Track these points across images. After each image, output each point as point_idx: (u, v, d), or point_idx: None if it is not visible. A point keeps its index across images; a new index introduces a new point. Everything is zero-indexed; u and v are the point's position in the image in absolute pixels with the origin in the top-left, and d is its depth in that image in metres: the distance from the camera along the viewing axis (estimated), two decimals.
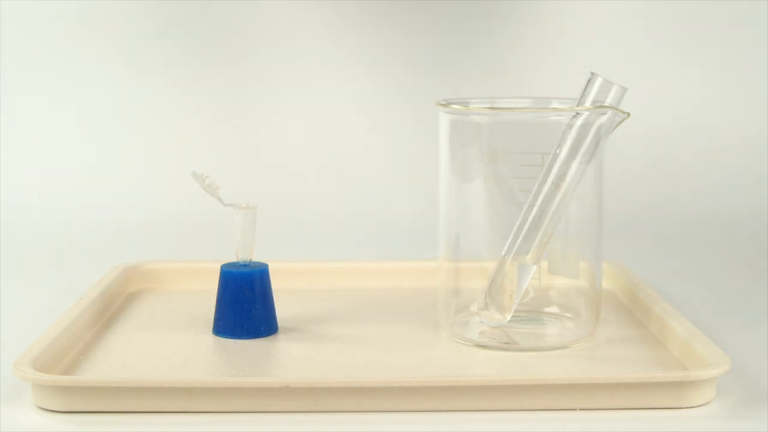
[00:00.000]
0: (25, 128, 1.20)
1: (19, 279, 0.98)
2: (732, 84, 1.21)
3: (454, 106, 0.74)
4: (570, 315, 0.77)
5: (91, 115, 1.20)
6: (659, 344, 0.75)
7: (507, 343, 0.74)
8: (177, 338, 0.77)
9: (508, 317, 0.75)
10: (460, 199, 0.76)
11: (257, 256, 0.79)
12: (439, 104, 0.75)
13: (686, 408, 0.66)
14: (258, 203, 0.78)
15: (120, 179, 1.18)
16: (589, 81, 0.73)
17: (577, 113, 0.72)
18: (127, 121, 1.21)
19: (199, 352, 0.74)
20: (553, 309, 0.78)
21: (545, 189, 0.73)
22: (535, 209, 0.74)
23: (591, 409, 0.66)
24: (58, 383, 0.65)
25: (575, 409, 0.66)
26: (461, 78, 1.20)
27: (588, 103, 0.73)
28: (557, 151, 0.73)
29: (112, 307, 0.84)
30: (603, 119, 0.73)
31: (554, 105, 0.79)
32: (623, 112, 0.73)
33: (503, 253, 0.75)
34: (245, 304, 0.77)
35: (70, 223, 1.14)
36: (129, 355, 0.73)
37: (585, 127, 0.73)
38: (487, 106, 0.77)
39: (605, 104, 0.72)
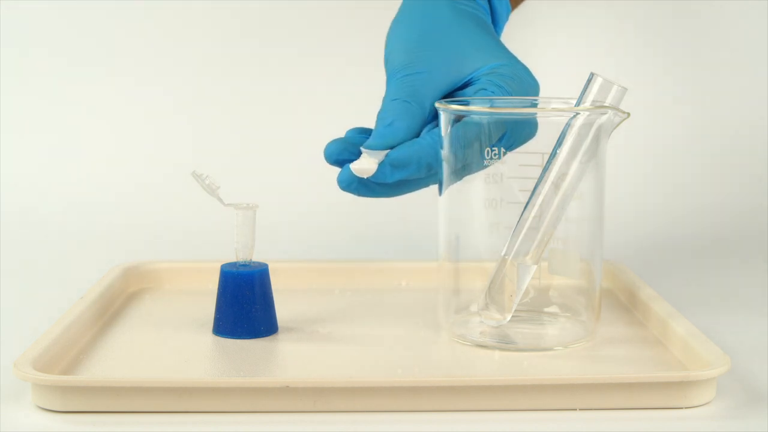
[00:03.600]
0: (25, 128, 1.20)
1: (19, 279, 0.98)
2: (732, 84, 1.21)
3: (454, 106, 0.74)
4: (570, 315, 0.77)
5: (90, 115, 1.20)
6: (659, 344, 0.75)
7: (507, 343, 0.74)
8: (177, 338, 0.77)
9: (508, 317, 0.75)
10: (460, 199, 0.76)
11: (257, 256, 0.79)
12: (439, 104, 0.75)
13: (686, 408, 0.66)
14: (258, 203, 0.78)
15: (120, 179, 1.18)
16: (589, 81, 0.73)
17: (577, 113, 0.72)
18: (126, 120, 1.21)
19: (199, 352, 0.74)
20: (553, 309, 0.78)
21: (545, 189, 0.73)
22: (535, 209, 0.74)
23: (591, 409, 0.66)
24: (58, 383, 0.65)
25: (575, 409, 0.66)
26: None
27: (588, 103, 0.73)
28: (557, 151, 0.73)
29: (112, 307, 0.84)
30: (603, 119, 0.73)
31: (554, 105, 0.79)
32: (623, 112, 0.73)
33: (503, 253, 0.75)
34: (245, 304, 0.77)
35: (69, 223, 1.14)
36: (129, 355, 0.73)
37: (585, 127, 0.73)
38: (487, 106, 0.77)
39: (605, 104, 0.72)
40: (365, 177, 0.74)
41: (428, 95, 0.76)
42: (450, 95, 0.78)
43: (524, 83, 0.78)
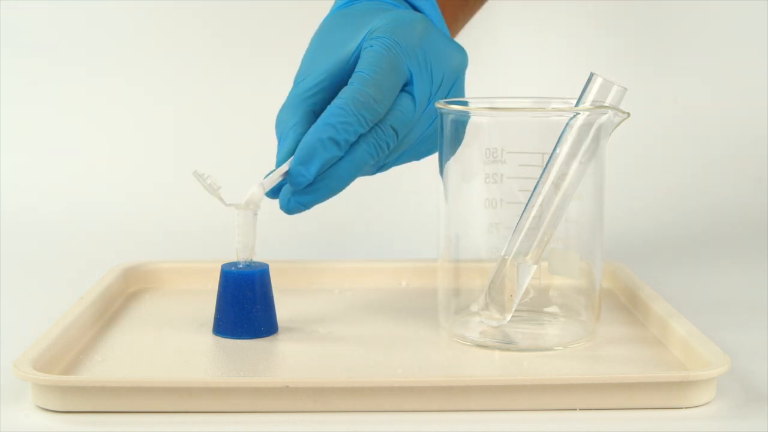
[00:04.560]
0: (25, 128, 1.20)
1: (19, 279, 0.98)
2: (732, 84, 1.21)
3: (454, 106, 0.74)
4: (570, 315, 0.77)
5: (91, 115, 1.20)
6: (659, 344, 0.75)
7: (507, 343, 0.74)
8: (177, 338, 0.77)
9: (508, 317, 0.75)
10: (460, 199, 0.76)
11: (257, 256, 0.78)
12: (439, 104, 0.75)
13: (686, 408, 0.66)
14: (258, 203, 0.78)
15: (120, 179, 1.18)
16: (589, 81, 0.73)
17: (577, 113, 0.72)
18: (127, 120, 1.21)
19: (199, 352, 0.74)
20: (553, 309, 0.78)
21: (545, 189, 0.73)
22: (535, 209, 0.74)
23: (591, 409, 0.66)
24: (58, 383, 0.65)
25: (575, 409, 0.66)
26: None
27: (588, 103, 0.73)
28: (557, 151, 0.73)
29: (112, 307, 0.84)
30: (603, 119, 0.73)
31: (554, 105, 0.79)
32: (623, 112, 0.73)
33: (503, 253, 0.75)
34: (245, 304, 0.76)
35: (70, 223, 1.14)
36: (129, 355, 0.73)
37: (585, 127, 0.73)
38: (487, 106, 0.77)
39: (605, 104, 0.72)
40: (257, 205, 0.74)
41: (311, 87, 0.75)
42: (345, 76, 0.76)
43: (404, 24, 0.76)
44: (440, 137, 0.75)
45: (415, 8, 0.82)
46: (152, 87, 1.21)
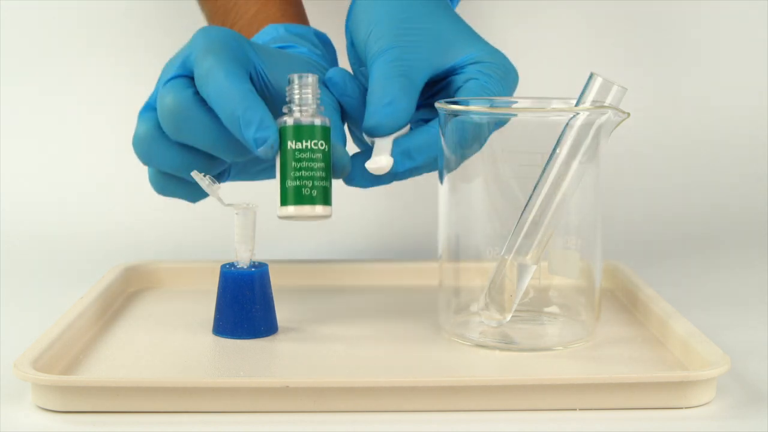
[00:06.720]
0: (25, 128, 1.20)
1: (19, 279, 0.98)
2: (732, 84, 1.21)
3: (454, 106, 0.74)
4: (570, 315, 0.77)
5: (90, 115, 1.20)
6: (659, 344, 0.75)
7: (507, 343, 0.74)
8: (177, 338, 0.77)
9: (508, 317, 0.75)
10: (460, 199, 0.76)
11: (257, 256, 0.79)
12: (439, 104, 0.75)
13: (686, 408, 0.66)
14: (258, 203, 0.78)
15: (120, 179, 1.18)
16: (589, 81, 0.73)
17: (577, 113, 0.72)
18: (126, 120, 1.20)
19: (199, 352, 0.74)
20: (553, 309, 0.78)
21: (545, 189, 0.73)
22: (535, 209, 0.74)
23: (591, 409, 0.66)
24: (58, 383, 0.65)
25: (575, 409, 0.66)
26: None
27: (588, 103, 0.73)
28: (557, 151, 0.73)
29: (112, 307, 0.84)
30: (603, 119, 0.73)
31: (554, 105, 0.79)
32: (623, 112, 0.73)
33: (503, 253, 0.75)
34: (245, 305, 0.76)
35: (70, 224, 1.14)
36: (129, 355, 0.73)
37: (585, 127, 0.73)
38: (487, 106, 0.77)
39: (605, 104, 0.72)
40: (381, 173, 0.72)
41: (419, 78, 0.75)
42: (436, 81, 0.77)
43: (507, 70, 0.78)
44: (440, 137, 0.75)
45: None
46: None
